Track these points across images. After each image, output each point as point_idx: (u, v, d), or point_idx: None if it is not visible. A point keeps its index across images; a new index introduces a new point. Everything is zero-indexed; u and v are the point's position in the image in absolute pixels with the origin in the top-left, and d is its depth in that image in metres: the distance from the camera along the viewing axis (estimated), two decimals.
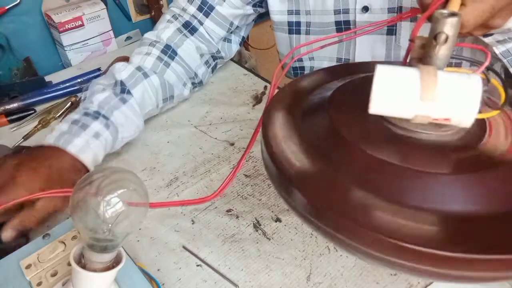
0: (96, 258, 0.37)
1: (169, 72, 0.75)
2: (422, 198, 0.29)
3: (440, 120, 0.30)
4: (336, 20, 0.73)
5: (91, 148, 0.59)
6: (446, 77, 0.30)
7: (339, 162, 0.33)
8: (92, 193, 0.36)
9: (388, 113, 0.32)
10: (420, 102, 0.30)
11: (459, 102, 0.29)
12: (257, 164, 0.67)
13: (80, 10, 0.94)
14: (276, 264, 0.52)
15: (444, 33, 0.31)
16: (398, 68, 0.31)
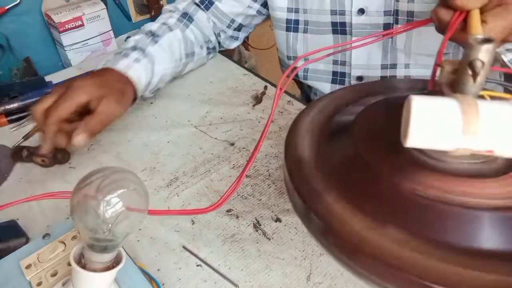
0: (96, 258, 0.37)
1: (188, 32, 0.83)
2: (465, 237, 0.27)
3: (482, 151, 0.29)
4: (332, 21, 0.73)
5: (135, 67, 0.69)
6: (487, 108, 0.28)
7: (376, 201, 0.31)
8: (92, 193, 0.36)
9: (426, 146, 0.30)
10: (462, 135, 0.28)
11: (503, 134, 0.28)
12: (257, 164, 0.67)
13: (80, 10, 0.94)
14: (276, 264, 0.52)
15: (480, 60, 0.29)
16: (434, 99, 0.29)
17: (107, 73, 0.65)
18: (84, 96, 0.58)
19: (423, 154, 0.33)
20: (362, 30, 0.71)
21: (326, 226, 0.31)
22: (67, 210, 0.59)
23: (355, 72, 0.77)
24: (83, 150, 0.71)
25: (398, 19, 0.68)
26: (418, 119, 0.29)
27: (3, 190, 0.64)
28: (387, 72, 0.74)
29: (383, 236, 0.28)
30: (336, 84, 0.81)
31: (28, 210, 0.60)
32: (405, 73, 0.72)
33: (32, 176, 0.66)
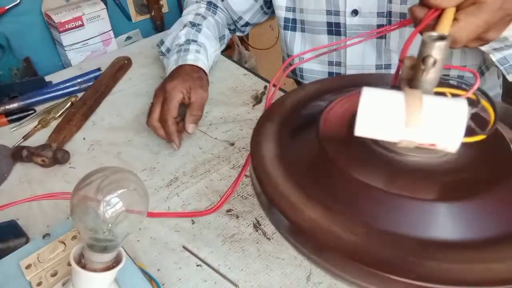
0: (96, 258, 0.37)
1: (217, 17, 0.89)
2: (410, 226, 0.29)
3: (425, 145, 0.30)
4: (328, 21, 0.74)
5: (199, 58, 0.77)
6: (431, 102, 0.29)
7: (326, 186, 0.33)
8: (92, 193, 0.36)
9: (373, 136, 0.31)
10: (405, 127, 0.29)
11: (444, 128, 0.29)
12: None
13: (80, 10, 0.94)
14: (276, 264, 0.52)
15: (432, 57, 0.30)
16: (384, 92, 0.30)
17: (182, 70, 0.73)
18: (180, 93, 0.68)
19: (378, 146, 0.34)
20: (356, 31, 0.72)
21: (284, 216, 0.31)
22: (67, 210, 0.59)
23: (350, 73, 0.78)
24: (83, 150, 0.71)
25: (391, 20, 0.69)
26: (365, 109, 0.30)
27: (3, 190, 0.64)
28: (382, 72, 0.75)
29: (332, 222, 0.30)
30: None
31: (28, 210, 0.60)
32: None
33: (32, 176, 0.66)
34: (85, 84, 0.86)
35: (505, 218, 0.29)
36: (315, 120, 0.38)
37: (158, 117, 0.68)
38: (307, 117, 0.40)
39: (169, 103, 0.67)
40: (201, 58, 0.77)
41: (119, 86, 0.89)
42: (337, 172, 0.33)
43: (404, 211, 0.29)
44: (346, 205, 0.31)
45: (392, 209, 0.30)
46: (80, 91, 0.85)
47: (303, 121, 0.40)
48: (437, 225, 0.29)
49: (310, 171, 0.34)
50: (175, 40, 0.82)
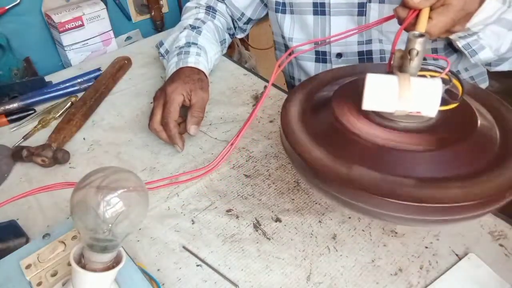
0: (96, 258, 0.37)
1: (216, 21, 0.89)
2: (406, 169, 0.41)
3: (413, 113, 0.41)
4: (313, 1, 0.78)
5: (200, 61, 0.77)
6: (416, 82, 0.40)
7: (342, 147, 0.44)
8: (92, 193, 0.36)
9: (375, 109, 0.43)
10: (398, 101, 0.41)
11: (426, 100, 0.40)
12: (257, 164, 0.67)
13: (80, 10, 0.94)
14: (276, 264, 0.52)
15: (415, 49, 0.41)
16: (383, 76, 0.41)
17: (182, 72, 0.74)
18: (180, 96, 0.69)
19: (380, 116, 0.45)
20: (339, 9, 0.77)
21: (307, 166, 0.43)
22: (67, 210, 0.59)
23: (334, 50, 0.83)
24: (83, 150, 0.71)
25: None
26: (370, 89, 0.41)
27: (3, 190, 0.64)
28: (363, 47, 0.80)
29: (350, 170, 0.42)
30: (319, 62, 0.87)
31: (28, 210, 0.60)
32: (380, 47, 0.79)
33: (32, 176, 0.66)
34: (85, 84, 0.86)
35: (468, 162, 0.41)
36: (329, 99, 0.49)
37: (160, 120, 0.68)
38: (322, 97, 0.52)
39: (170, 106, 0.67)
40: (201, 60, 0.78)
41: (119, 86, 0.89)
42: (351, 136, 0.44)
43: (398, 159, 0.41)
44: (361, 159, 0.42)
45: (388, 158, 0.42)
46: (80, 91, 0.85)
47: (320, 100, 0.52)
48: (421, 167, 0.41)
49: (329, 137, 0.46)
50: (175, 42, 0.83)
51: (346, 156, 0.42)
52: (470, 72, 0.85)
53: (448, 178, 0.40)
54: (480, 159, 0.41)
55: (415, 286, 0.49)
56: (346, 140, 0.44)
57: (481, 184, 0.39)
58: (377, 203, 0.39)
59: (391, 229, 0.55)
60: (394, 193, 0.38)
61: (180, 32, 0.84)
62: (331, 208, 0.59)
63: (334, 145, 0.44)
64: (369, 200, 0.39)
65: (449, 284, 0.49)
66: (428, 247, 0.53)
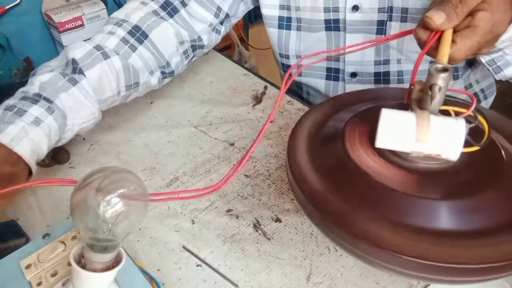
0: (96, 258, 0.37)
1: (134, 57, 0.66)
2: (421, 220, 0.36)
3: (432, 155, 0.38)
4: (325, 18, 0.73)
5: (30, 136, 0.51)
6: (437, 121, 0.37)
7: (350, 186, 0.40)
8: (92, 193, 0.36)
9: (390, 148, 0.39)
10: (416, 141, 0.37)
11: (447, 142, 0.37)
12: (257, 164, 0.67)
13: (80, 10, 0.94)
14: (276, 264, 0.52)
15: (438, 85, 0.37)
16: (399, 112, 0.38)
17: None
18: None
19: (394, 155, 0.41)
20: (355, 27, 0.71)
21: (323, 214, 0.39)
22: (67, 210, 0.59)
23: (349, 69, 0.77)
24: (83, 150, 0.71)
25: (392, 16, 0.68)
26: (384, 126, 0.38)
27: None
28: (380, 68, 0.75)
29: (357, 215, 0.37)
30: (330, 80, 0.81)
31: (28, 210, 0.60)
32: (398, 68, 0.73)
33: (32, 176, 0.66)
34: None
35: (495, 213, 0.36)
36: (339, 132, 0.45)
37: None
38: (332, 129, 0.48)
39: None
40: (31, 138, 0.52)
41: None
42: (361, 176, 0.40)
43: (413, 207, 0.37)
44: (371, 204, 0.38)
45: (405, 205, 0.37)
46: None
47: (329, 133, 0.48)
48: (438, 218, 0.36)
49: (337, 173, 0.42)
50: (30, 82, 0.58)
51: (353, 198, 0.39)
52: (481, 85, 0.82)
53: (472, 232, 0.35)
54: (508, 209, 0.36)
55: (415, 286, 0.49)
56: (354, 179, 0.40)
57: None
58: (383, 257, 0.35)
59: None
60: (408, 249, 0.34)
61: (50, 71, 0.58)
62: None
63: (342, 183, 0.41)
64: (372, 252, 0.35)
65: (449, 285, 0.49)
66: None
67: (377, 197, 0.38)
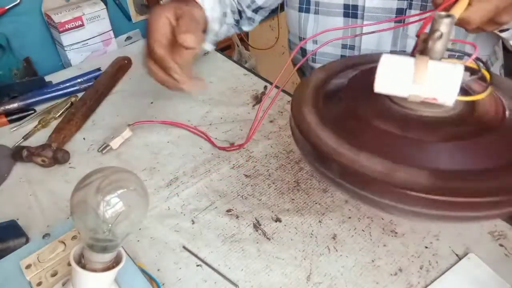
0: (96, 258, 0.37)
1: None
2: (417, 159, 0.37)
3: (429, 99, 0.37)
4: (345, 3, 0.72)
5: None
6: (435, 65, 0.36)
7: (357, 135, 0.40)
8: (92, 193, 0.36)
9: (388, 92, 0.39)
10: (413, 84, 0.37)
11: (443, 85, 0.36)
12: (257, 164, 0.67)
13: (80, 10, 0.94)
14: (276, 264, 0.52)
15: (439, 31, 0.37)
16: (399, 57, 0.38)
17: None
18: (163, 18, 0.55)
19: (397, 104, 0.41)
20: (374, 14, 0.70)
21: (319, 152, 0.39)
22: (67, 210, 0.59)
23: None
24: (83, 150, 0.71)
25: (412, 4, 0.67)
26: (383, 70, 0.38)
27: (3, 190, 0.64)
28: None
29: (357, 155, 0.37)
30: None
31: (28, 210, 0.60)
32: None
33: (32, 176, 0.66)
34: (85, 84, 0.86)
35: (488, 155, 0.36)
36: (343, 86, 0.46)
37: (147, 53, 0.54)
38: (337, 84, 0.48)
39: (152, 30, 0.53)
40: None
41: (119, 86, 0.89)
42: (362, 121, 0.40)
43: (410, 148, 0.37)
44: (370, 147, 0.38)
45: (404, 148, 0.37)
46: (80, 91, 0.85)
47: (334, 87, 0.48)
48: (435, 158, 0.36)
49: (341, 121, 0.42)
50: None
51: (356, 143, 0.38)
52: None
53: (468, 171, 0.36)
54: (505, 154, 0.37)
55: (415, 286, 0.49)
56: (357, 126, 0.41)
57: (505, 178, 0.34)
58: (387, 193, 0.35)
59: (391, 229, 0.55)
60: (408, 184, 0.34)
61: None
62: (331, 208, 0.59)
63: (344, 130, 0.40)
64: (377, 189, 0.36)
65: (449, 284, 0.49)
66: (428, 247, 0.53)
67: (378, 141, 0.38)
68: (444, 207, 0.34)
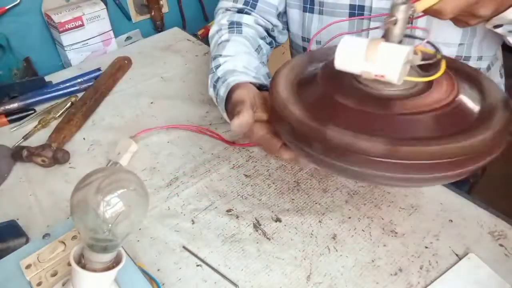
0: (96, 258, 0.37)
1: (244, 32, 0.76)
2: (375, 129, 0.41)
3: (378, 76, 0.41)
4: (350, 3, 0.71)
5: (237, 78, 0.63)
6: (385, 46, 0.40)
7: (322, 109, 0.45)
8: (92, 193, 0.36)
9: (346, 69, 0.43)
10: (364, 62, 0.41)
11: (389, 63, 0.40)
12: (257, 164, 0.67)
13: (80, 10, 0.94)
14: (276, 264, 0.52)
15: (394, 16, 0.41)
16: (357, 38, 0.42)
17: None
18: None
19: (361, 84, 0.45)
20: (381, 15, 0.69)
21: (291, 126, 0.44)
22: (67, 210, 0.59)
23: None
24: (83, 150, 0.71)
25: None
26: (341, 49, 0.42)
27: (3, 190, 0.64)
28: None
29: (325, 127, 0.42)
30: None
31: (28, 210, 0.60)
32: None
33: (32, 176, 0.66)
34: (85, 84, 0.86)
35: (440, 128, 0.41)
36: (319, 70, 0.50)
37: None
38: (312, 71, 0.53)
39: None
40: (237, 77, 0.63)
41: (119, 86, 0.89)
42: (326, 96, 0.46)
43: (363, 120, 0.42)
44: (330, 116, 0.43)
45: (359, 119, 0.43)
46: (80, 91, 0.85)
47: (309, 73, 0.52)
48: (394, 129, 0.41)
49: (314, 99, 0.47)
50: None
51: (322, 116, 0.43)
52: None
53: (418, 138, 0.40)
54: (453, 127, 0.41)
55: (415, 286, 0.49)
56: (324, 102, 0.46)
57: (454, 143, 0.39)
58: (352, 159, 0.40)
59: (391, 229, 0.55)
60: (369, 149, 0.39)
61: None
62: (331, 208, 0.59)
63: (313, 106, 0.45)
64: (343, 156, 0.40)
65: (449, 284, 0.49)
66: (428, 247, 0.53)
67: (341, 114, 0.43)
68: (399, 169, 0.38)
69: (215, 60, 0.70)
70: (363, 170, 0.40)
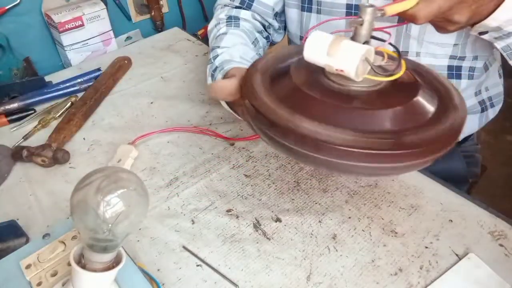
0: (96, 258, 0.37)
1: (241, 26, 0.80)
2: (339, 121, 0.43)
3: (339, 70, 0.43)
4: (347, 3, 0.72)
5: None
6: (346, 43, 0.43)
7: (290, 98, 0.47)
8: (92, 193, 0.36)
9: (312, 61, 0.45)
10: (327, 56, 0.44)
11: (347, 59, 0.43)
12: (257, 164, 0.67)
13: (80, 10, 0.94)
14: (276, 264, 0.52)
15: (361, 18, 0.44)
16: (325, 34, 0.45)
17: None
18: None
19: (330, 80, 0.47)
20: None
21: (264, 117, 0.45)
22: (67, 210, 0.59)
23: None
24: (83, 150, 0.71)
25: None
26: (309, 42, 0.45)
27: (3, 190, 0.65)
28: None
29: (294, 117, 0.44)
30: None
31: (28, 210, 0.60)
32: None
33: (32, 176, 0.66)
34: (85, 84, 0.86)
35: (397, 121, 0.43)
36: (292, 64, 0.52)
37: None
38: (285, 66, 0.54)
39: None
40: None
41: (119, 86, 0.89)
42: (294, 88, 0.48)
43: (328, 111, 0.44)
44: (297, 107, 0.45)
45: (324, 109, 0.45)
46: (80, 91, 0.85)
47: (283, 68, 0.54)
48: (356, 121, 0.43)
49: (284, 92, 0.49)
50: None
51: (291, 107, 0.45)
52: (489, 92, 0.81)
53: (379, 131, 0.43)
54: (408, 123, 0.44)
55: (415, 286, 0.49)
56: (294, 95, 0.47)
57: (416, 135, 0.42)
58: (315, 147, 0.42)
59: (391, 229, 0.55)
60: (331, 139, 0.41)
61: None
62: (331, 208, 0.59)
63: (279, 92, 0.48)
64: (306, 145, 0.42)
65: (449, 284, 0.49)
66: (428, 247, 0.53)
67: (309, 106, 0.45)
68: (362, 158, 0.40)
69: (213, 51, 0.73)
70: (315, 155, 0.42)
